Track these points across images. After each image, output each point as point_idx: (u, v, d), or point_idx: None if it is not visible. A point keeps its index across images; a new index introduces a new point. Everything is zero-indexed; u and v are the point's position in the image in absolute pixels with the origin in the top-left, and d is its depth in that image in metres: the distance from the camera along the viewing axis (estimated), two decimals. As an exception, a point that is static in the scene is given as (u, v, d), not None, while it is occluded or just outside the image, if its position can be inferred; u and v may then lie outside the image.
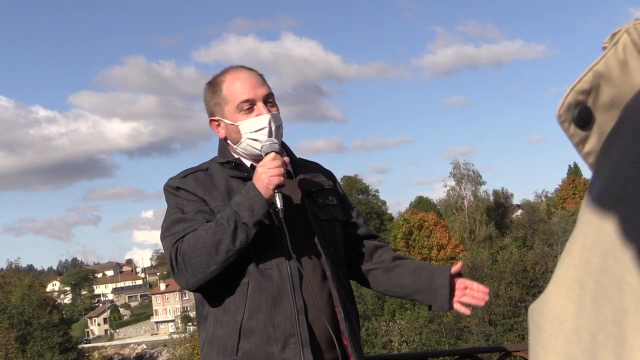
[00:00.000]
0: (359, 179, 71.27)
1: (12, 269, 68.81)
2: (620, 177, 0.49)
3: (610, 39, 0.57)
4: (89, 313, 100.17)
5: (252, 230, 2.29)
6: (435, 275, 2.58)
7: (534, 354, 0.52)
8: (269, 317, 2.34)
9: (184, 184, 2.47)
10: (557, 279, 0.52)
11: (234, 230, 2.28)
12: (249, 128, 2.46)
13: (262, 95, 2.49)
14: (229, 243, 2.28)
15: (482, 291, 2.59)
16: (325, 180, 2.68)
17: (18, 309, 53.05)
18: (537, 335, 0.52)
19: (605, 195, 0.50)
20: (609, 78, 0.57)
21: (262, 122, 2.46)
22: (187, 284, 2.34)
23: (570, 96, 0.58)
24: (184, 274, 2.32)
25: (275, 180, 2.32)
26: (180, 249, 2.32)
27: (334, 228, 2.58)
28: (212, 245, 2.28)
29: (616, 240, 0.46)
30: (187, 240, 2.32)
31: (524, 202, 75.83)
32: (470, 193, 64.71)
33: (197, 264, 2.29)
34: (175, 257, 2.32)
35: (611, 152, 0.52)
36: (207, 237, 2.28)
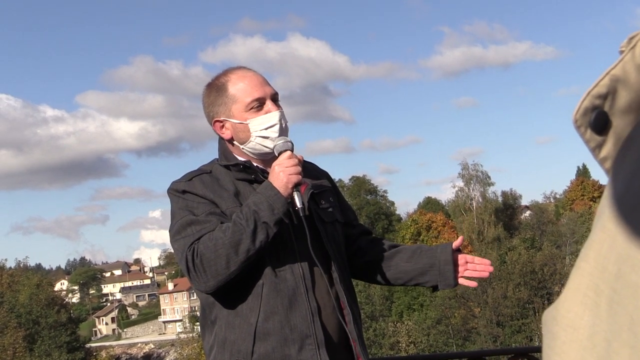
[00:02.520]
0: (368, 180, 71.26)
1: (21, 268, 69.16)
2: (638, 184, 0.48)
3: (628, 42, 0.56)
4: (96, 312, 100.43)
5: (273, 230, 2.26)
6: (437, 254, 2.57)
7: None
8: (286, 318, 2.32)
9: (190, 187, 2.43)
10: (572, 285, 0.52)
11: (254, 229, 2.24)
12: (260, 125, 2.43)
13: (270, 93, 2.48)
14: (249, 243, 2.24)
15: (484, 263, 2.57)
16: (325, 181, 2.67)
17: (26, 308, 53.27)
18: (551, 342, 0.52)
19: (622, 202, 0.49)
20: (626, 82, 0.56)
21: (273, 119, 2.43)
22: (206, 286, 2.29)
23: (587, 100, 0.57)
24: (202, 276, 2.27)
25: (294, 178, 2.30)
26: (197, 251, 2.27)
27: (337, 230, 2.57)
28: (232, 246, 2.24)
29: (632, 248, 0.46)
30: (203, 241, 2.28)
31: (532, 203, 75.72)
32: (478, 194, 64.61)
33: (217, 266, 2.25)
34: (192, 259, 2.27)
35: (628, 158, 0.51)
36: (226, 238, 2.24)
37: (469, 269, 2.56)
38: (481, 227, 62.60)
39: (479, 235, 62.14)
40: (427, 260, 2.58)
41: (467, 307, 44.59)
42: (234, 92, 2.47)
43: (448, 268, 2.53)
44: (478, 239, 61.58)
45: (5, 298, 54.65)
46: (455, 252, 2.57)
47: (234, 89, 2.47)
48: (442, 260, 2.54)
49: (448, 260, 2.54)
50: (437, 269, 2.55)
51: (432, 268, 2.56)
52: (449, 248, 2.56)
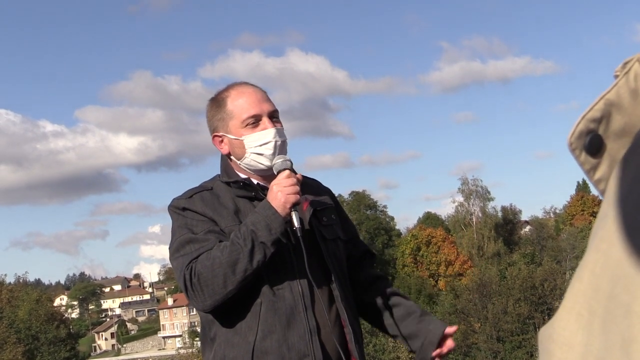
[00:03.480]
0: (367, 195, 71.22)
1: (20, 283, 68.95)
2: (630, 206, 0.49)
3: (622, 67, 0.57)
4: (96, 328, 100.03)
5: (270, 249, 2.27)
6: (428, 329, 2.56)
7: None
8: (283, 337, 2.32)
9: (191, 205, 2.44)
10: (566, 304, 0.52)
11: (252, 249, 2.25)
12: (254, 142, 2.45)
13: (268, 111, 2.48)
14: (246, 262, 2.25)
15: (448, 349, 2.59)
16: (327, 198, 2.66)
17: (25, 323, 53.12)
18: (547, 359, 0.53)
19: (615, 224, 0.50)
20: (620, 106, 0.57)
21: (267, 137, 2.44)
22: (203, 305, 2.31)
23: (581, 124, 0.58)
24: (199, 295, 2.28)
25: (292, 198, 2.30)
26: (195, 270, 2.28)
27: (338, 247, 2.57)
28: (229, 265, 2.25)
29: (625, 268, 0.46)
30: (201, 260, 2.29)
31: (532, 218, 75.65)
32: (478, 209, 64.60)
33: (214, 285, 2.26)
34: (190, 278, 2.28)
35: (622, 180, 0.52)
36: (223, 257, 2.25)
37: (442, 353, 2.57)
38: (481, 242, 62.52)
39: (479, 250, 62.06)
40: (416, 330, 2.57)
41: (468, 322, 44.43)
42: (232, 107, 2.49)
43: (430, 348, 2.53)
44: (478, 254, 61.49)
45: (4, 313, 54.46)
46: (445, 336, 2.56)
47: (232, 105, 2.49)
48: (428, 339, 2.53)
49: (433, 343, 2.53)
50: (420, 343, 2.55)
51: (417, 339, 2.56)
52: (440, 330, 2.54)
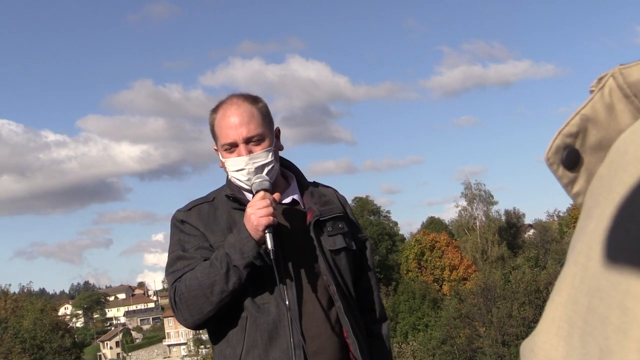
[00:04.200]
0: (370, 200, 71.20)
1: (24, 293, 68.93)
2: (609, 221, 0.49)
3: (597, 82, 0.58)
4: (101, 337, 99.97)
5: (244, 273, 2.33)
6: None
7: None
8: (265, 352, 2.38)
9: (188, 218, 2.53)
10: (546, 317, 0.53)
11: (227, 272, 2.33)
12: (230, 167, 2.50)
13: (244, 137, 2.47)
14: (222, 284, 2.33)
15: None
16: (337, 207, 2.63)
17: (30, 333, 53.11)
18: None
19: (592, 237, 0.50)
20: (596, 121, 0.58)
21: (240, 164, 2.47)
22: (185, 323, 2.44)
23: (558, 139, 0.59)
24: (182, 313, 2.41)
25: (264, 220, 2.31)
26: (177, 290, 2.41)
27: (344, 257, 2.56)
28: (207, 287, 2.34)
29: (601, 281, 0.47)
30: (184, 280, 2.40)
31: (536, 221, 75.51)
32: (482, 213, 64.51)
33: (194, 305, 2.37)
34: (173, 297, 2.43)
35: (599, 195, 0.53)
36: (202, 279, 2.35)
37: None
38: (485, 246, 62.45)
39: (482, 254, 61.97)
40: None
41: (472, 326, 44.36)
42: (216, 129, 2.54)
43: None
44: (482, 258, 61.40)
45: (9, 323, 54.50)
46: None
47: (217, 127, 2.54)
48: None
49: None
50: None
51: None
52: None
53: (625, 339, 0.43)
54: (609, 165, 0.54)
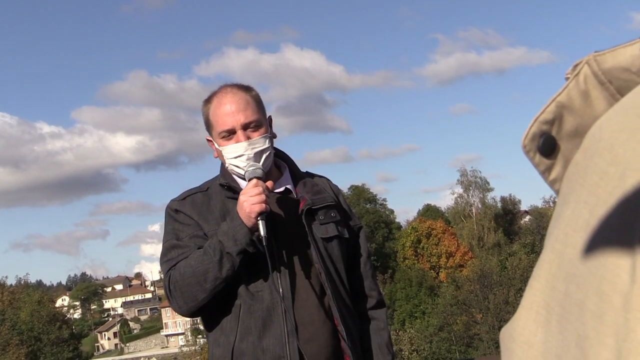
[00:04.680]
0: (366, 188, 71.20)
1: (21, 284, 68.97)
2: (582, 206, 0.50)
3: (572, 70, 0.58)
4: (98, 327, 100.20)
5: (237, 260, 2.35)
6: None
7: None
8: (258, 339, 2.39)
9: (182, 207, 2.54)
10: (525, 304, 0.53)
11: (220, 259, 2.34)
12: (229, 154, 2.50)
13: (242, 123, 2.48)
14: (216, 272, 2.35)
15: None
16: (329, 196, 2.64)
17: (28, 324, 53.18)
18: (509, 358, 0.54)
19: (569, 224, 0.51)
20: (572, 108, 0.58)
21: (239, 150, 2.47)
22: (180, 310, 2.45)
23: (534, 126, 0.59)
24: (177, 301, 2.43)
25: (257, 208, 2.33)
26: (172, 278, 2.42)
27: (336, 245, 2.57)
28: (201, 274, 2.36)
29: (578, 267, 0.47)
30: (178, 268, 2.41)
31: (532, 208, 75.60)
32: (478, 200, 64.61)
33: (188, 292, 2.39)
34: (168, 285, 2.44)
35: (575, 182, 0.53)
36: (196, 266, 2.36)
37: None
38: (481, 233, 62.59)
39: (479, 241, 62.13)
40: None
41: (469, 313, 44.50)
42: (212, 118, 2.54)
43: None
44: (478, 245, 61.56)
45: (6, 315, 54.55)
46: None
47: (212, 115, 2.54)
48: None
49: None
50: None
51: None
52: None
53: (601, 324, 0.44)
54: (584, 151, 0.54)
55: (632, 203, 0.45)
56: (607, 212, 0.47)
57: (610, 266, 0.44)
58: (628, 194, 0.46)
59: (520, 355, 0.52)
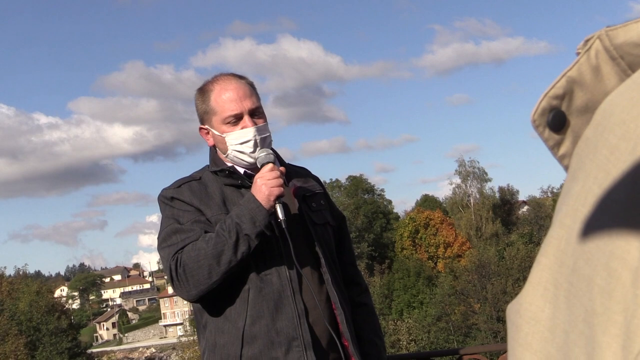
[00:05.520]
0: (364, 179, 71.20)
1: (20, 275, 68.86)
2: (592, 182, 0.50)
3: (583, 45, 0.58)
4: (97, 318, 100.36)
5: (254, 242, 2.33)
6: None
7: (512, 352, 0.53)
8: (272, 321, 2.38)
9: (178, 194, 2.50)
10: (532, 279, 0.53)
11: (236, 241, 2.31)
12: (235, 140, 2.49)
13: (249, 109, 2.50)
14: (230, 254, 2.30)
15: None
16: (316, 185, 2.70)
17: (26, 315, 53.15)
18: (515, 334, 0.53)
19: (578, 199, 0.51)
20: (582, 83, 0.58)
21: (247, 135, 2.48)
22: (188, 295, 2.37)
23: (544, 101, 0.59)
24: (184, 285, 2.35)
25: (276, 191, 2.35)
26: (180, 261, 2.34)
27: (328, 232, 2.61)
28: (214, 257, 2.30)
29: (587, 243, 0.47)
30: (187, 251, 2.34)
31: (530, 198, 75.68)
32: (476, 190, 64.64)
33: (199, 276, 2.32)
34: (175, 268, 2.35)
35: (584, 157, 0.53)
36: (208, 249, 2.31)
37: None
38: (479, 223, 62.65)
39: (477, 231, 62.19)
40: None
41: (467, 303, 44.62)
42: (214, 104, 2.52)
43: None
44: (476, 235, 61.63)
45: (5, 305, 54.53)
46: None
47: (214, 101, 2.52)
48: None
49: None
50: None
51: None
52: None
53: (609, 300, 0.44)
54: (594, 127, 0.53)
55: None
56: (617, 187, 0.47)
57: (619, 242, 0.44)
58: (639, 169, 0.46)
59: (527, 331, 0.52)
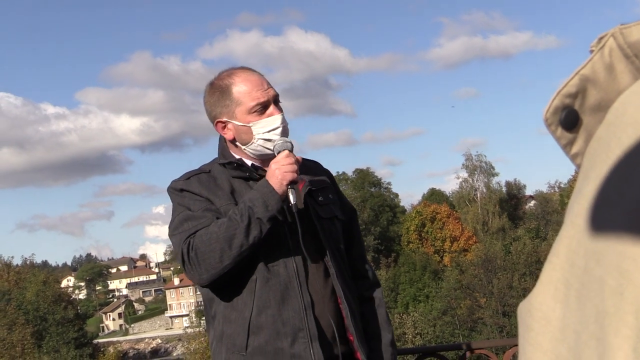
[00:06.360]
0: (371, 172, 71.19)
1: (27, 265, 69.18)
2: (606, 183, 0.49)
3: (597, 42, 0.57)
4: (103, 308, 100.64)
5: (266, 226, 2.32)
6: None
7: (523, 352, 0.53)
8: (278, 312, 2.38)
9: (188, 186, 2.51)
10: (544, 279, 0.53)
11: (248, 225, 2.31)
12: (262, 128, 2.49)
13: (273, 97, 2.53)
14: (242, 238, 2.30)
15: None
16: (325, 179, 2.71)
17: (33, 304, 53.43)
18: (526, 333, 0.53)
19: (590, 199, 0.50)
20: (596, 81, 0.57)
21: (276, 122, 2.50)
22: (199, 279, 2.37)
23: (557, 100, 0.58)
24: (197, 269, 2.35)
25: (289, 176, 2.36)
26: (192, 245, 2.35)
27: (335, 226, 2.61)
28: (226, 241, 2.30)
29: (598, 243, 0.47)
30: (199, 236, 2.35)
31: (536, 193, 75.59)
32: (482, 184, 64.59)
33: (211, 259, 2.32)
34: (187, 252, 2.35)
35: (597, 157, 0.52)
36: (220, 233, 2.31)
37: None
38: (486, 217, 62.60)
39: (483, 225, 62.15)
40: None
41: (473, 297, 44.57)
42: (238, 95, 2.51)
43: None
44: (483, 229, 61.58)
45: (12, 295, 54.90)
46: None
47: (237, 92, 2.52)
48: None
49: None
50: None
51: None
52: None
53: (621, 301, 0.43)
54: (607, 126, 0.53)
55: None
56: (629, 187, 0.46)
57: (631, 242, 0.44)
58: None
59: (537, 331, 0.52)
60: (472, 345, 3.59)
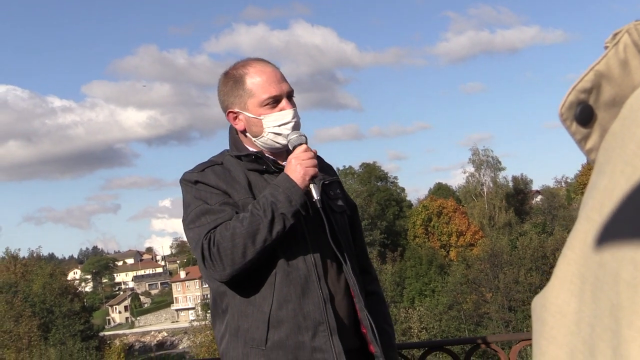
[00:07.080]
0: (377, 166, 71.15)
1: (34, 257, 69.39)
2: (619, 176, 0.50)
3: (612, 38, 0.58)
4: (109, 301, 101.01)
5: (290, 221, 2.31)
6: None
7: (537, 346, 0.53)
8: (299, 306, 2.36)
9: (203, 178, 2.46)
10: (559, 273, 0.53)
11: (272, 220, 2.29)
12: (274, 122, 2.46)
13: (287, 91, 2.50)
14: (266, 233, 2.28)
15: None
16: (332, 173, 2.71)
17: (40, 297, 53.68)
18: (540, 327, 0.53)
19: (605, 193, 0.51)
20: (610, 77, 0.58)
21: (287, 117, 2.47)
22: (221, 275, 2.32)
23: (572, 95, 0.59)
24: (218, 265, 2.31)
25: (311, 171, 2.36)
26: (214, 240, 2.31)
27: (345, 220, 2.61)
28: (249, 236, 2.28)
29: (613, 236, 0.47)
30: (220, 230, 2.32)
31: (543, 188, 75.51)
32: (489, 179, 64.54)
33: (233, 255, 2.29)
34: (208, 247, 2.31)
35: (611, 152, 0.53)
36: (243, 228, 2.28)
37: None
38: (492, 212, 62.54)
39: (490, 220, 62.09)
40: None
41: (479, 292, 44.56)
42: (251, 86, 2.48)
43: None
44: (489, 224, 61.53)
45: (19, 287, 55.12)
46: None
47: (251, 83, 2.49)
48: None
49: None
50: None
51: None
52: None
53: (636, 294, 0.44)
54: (622, 121, 0.54)
55: None
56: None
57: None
58: None
59: (552, 325, 0.52)
60: (487, 339, 3.55)
